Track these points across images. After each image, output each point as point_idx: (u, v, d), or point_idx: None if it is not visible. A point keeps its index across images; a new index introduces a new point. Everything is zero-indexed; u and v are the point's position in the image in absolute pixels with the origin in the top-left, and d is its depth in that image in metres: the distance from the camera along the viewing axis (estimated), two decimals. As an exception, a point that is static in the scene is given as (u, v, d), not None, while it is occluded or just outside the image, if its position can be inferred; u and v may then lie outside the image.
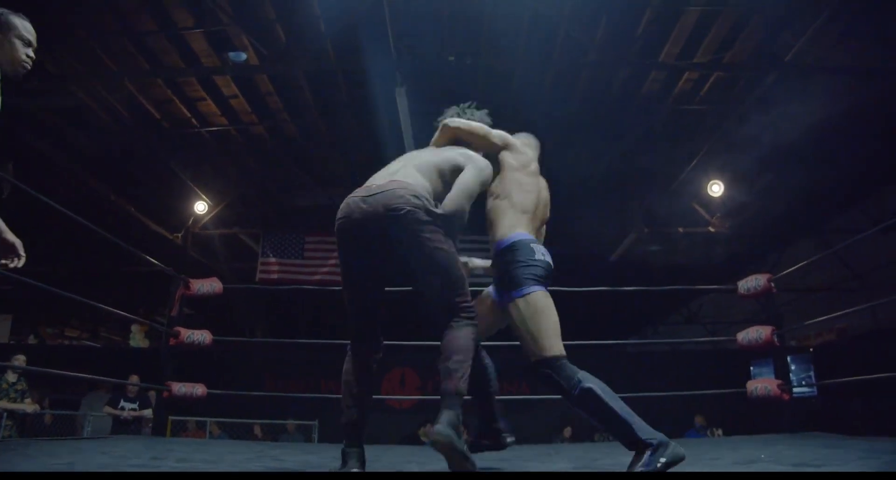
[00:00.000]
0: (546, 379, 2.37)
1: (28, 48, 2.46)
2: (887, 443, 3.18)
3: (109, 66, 7.25)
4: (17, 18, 2.45)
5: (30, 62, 2.49)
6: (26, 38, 2.46)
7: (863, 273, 10.80)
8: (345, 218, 2.32)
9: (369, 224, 2.27)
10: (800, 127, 7.43)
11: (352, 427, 2.29)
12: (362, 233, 2.30)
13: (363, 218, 2.28)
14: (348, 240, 2.34)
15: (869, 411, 9.09)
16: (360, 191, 2.39)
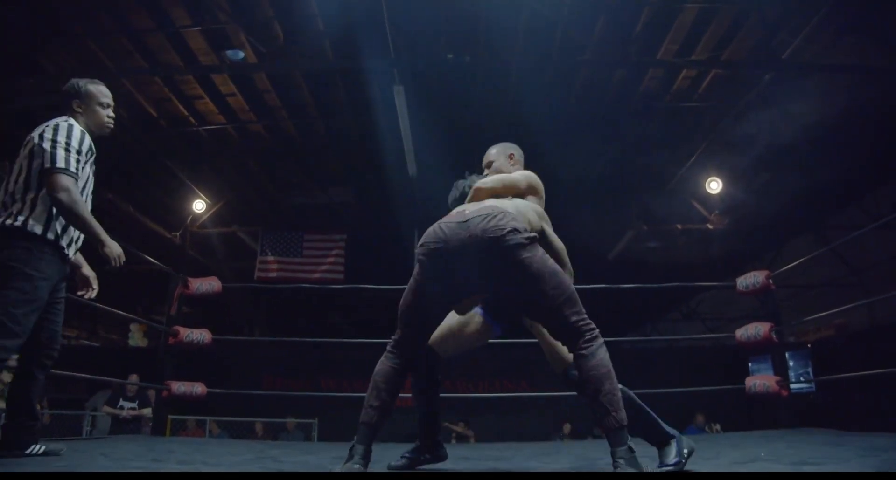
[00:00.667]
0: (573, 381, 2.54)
1: (108, 109, 2.81)
2: (885, 439, 3.19)
3: (107, 64, 7.23)
4: (93, 86, 2.81)
5: (112, 120, 2.81)
6: (105, 102, 2.81)
7: (861, 269, 10.82)
8: (440, 243, 2.28)
9: (468, 250, 2.25)
10: (798, 124, 7.44)
11: (367, 428, 2.30)
12: (457, 260, 2.28)
13: (461, 245, 2.25)
14: (438, 267, 2.32)
15: (866, 406, 9.12)
16: (451, 217, 2.37)
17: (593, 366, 2.14)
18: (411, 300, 2.41)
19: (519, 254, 2.21)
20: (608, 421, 2.07)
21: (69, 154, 2.47)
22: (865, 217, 9.98)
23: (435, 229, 2.35)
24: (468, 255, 2.25)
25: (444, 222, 2.35)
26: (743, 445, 3.54)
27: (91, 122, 2.73)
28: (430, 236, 2.34)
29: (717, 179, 9.53)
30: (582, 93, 8.04)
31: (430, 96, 7.73)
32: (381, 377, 2.41)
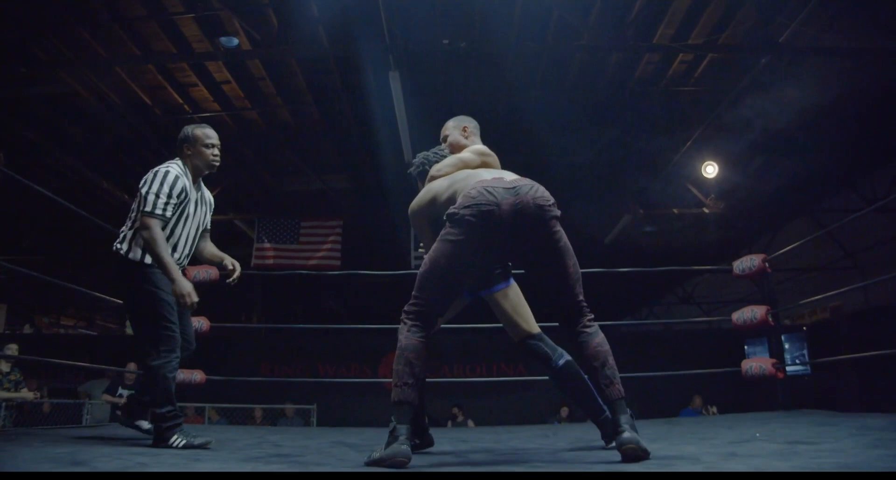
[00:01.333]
0: (535, 350, 2.81)
1: (213, 149, 3.16)
2: (879, 420, 3.22)
3: (99, 52, 7.18)
4: (199, 130, 3.17)
5: (218, 158, 3.17)
6: (209, 143, 3.15)
7: (856, 252, 10.87)
8: (492, 205, 2.29)
9: (515, 216, 2.29)
10: (794, 108, 7.44)
11: (408, 407, 2.22)
12: (504, 224, 2.29)
13: (511, 210, 2.28)
14: (486, 229, 2.30)
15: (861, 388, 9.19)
16: (495, 182, 2.38)
17: (599, 343, 2.33)
18: (445, 264, 2.34)
19: (556, 227, 2.36)
20: (613, 392, 2.26)
21: (158, 199, 2.88)
22: (860, 200, 10.01)
23: (481, 191, 2.33)
24: (514, 221, 2.29)
25: (489, 185, 2.35)
26: (739, 426, 3.57)
27: (199, 162, 3.13)
28: (479, 197, 2.32)
29: (714, 163, 9.53)
30: (578, 79, 8.02)
31: (425, 82, 7.70)
32: (412, 352, 2.30)
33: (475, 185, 2.38)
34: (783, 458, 2.04)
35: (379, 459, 2.13)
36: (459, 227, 2.31)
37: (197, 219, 3.16)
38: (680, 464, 2.01)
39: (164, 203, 2.89)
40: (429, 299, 2.38)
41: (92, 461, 2.13)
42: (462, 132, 3.08)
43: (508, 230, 2.30)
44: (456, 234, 2.32)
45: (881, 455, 1.98)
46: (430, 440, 2.90)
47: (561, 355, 2.78)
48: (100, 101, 8.10)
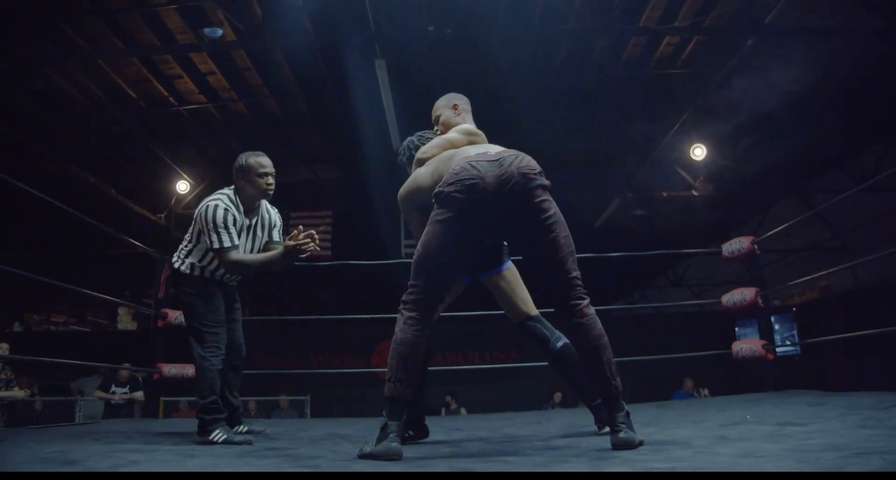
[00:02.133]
0: (533, 332, 2.85)
1: (266, 178, 3.24)
2: (867, 399, 3.25)
3: (82, 46, 7.11)
4: (253, 159, 3.25)
5: (272, 186, 3.27)
6: (262, 173, 3.23)
7: (844, 232, 10.92)
8: (476, 179, 2.23)
9: (501, 188, 2.22)
10: (781, 89, 7.44)
11: (399, 403, 2.19)
12: (490, 198, 2.23)
13: (496, 182, 2.22)
14: (474, 204, 2.23)
15: (851, 367, 9.28)
16: (478, 156, 2.33)
17: (596, 336, 2.23)
18: (437, 245, 2.27)
19: (545, 196, 2.29)
20: (610, 389, 2.20)
21: (220, 234, 3.09)
22: (848, 180, 10.04)
23: (465, 166, 2.28)
24: (501, 194, 2.23)
25: (472, 159, 2.30)
26: (730, 408, 3.60)
27: (253, 190, 3.24)
28: (463, 172, 2.26)
29: (702, 146, 9.55)
30: (565, 63, 8.00)
31: (412, 69, 7.67)
32: (406, 347, 2.23)
33: (459, 162, 2.34)
34: (773, 440, 2.06)
35: (370, 454, 2.12)
36: (446, 205, 2.26)
37: (251, 243, 3.33)
38: (671, 449, 2.03)
39: (227, 235, 3.11)
40: (426, 285, 2.30)
41: (84, 460, 2.13)
42: (453, 110, 3.06)
43: (494, 202, 2.22)
44: (444, 213, 2.26)
45: (869, 435, 2.00)
46: (425, 431, 2.90)
47: (559, 338, 2.79)
48: (84, 96, 8.03)
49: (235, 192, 3.28)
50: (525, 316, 2.87)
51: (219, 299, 3.24)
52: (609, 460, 1.88)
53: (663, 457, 1.85)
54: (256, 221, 3.34)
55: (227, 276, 3.32)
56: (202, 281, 3.24)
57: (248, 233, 3.30)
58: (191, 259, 3.25)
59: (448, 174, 2.32)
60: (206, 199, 3.22)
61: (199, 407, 3.00)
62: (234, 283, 3.42)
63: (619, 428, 2.11)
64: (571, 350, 2.69)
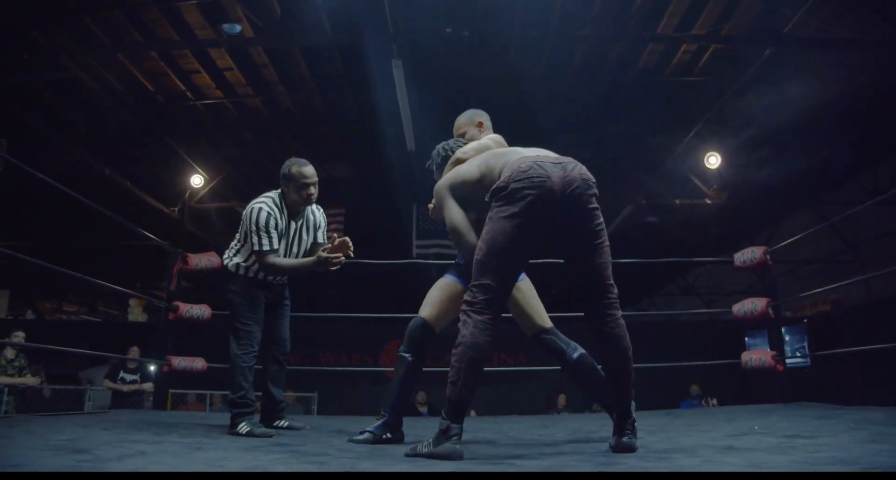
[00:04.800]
0: (550, 345, 2.82)
1: (308, 187, 3.36)
2: (878, 413, 3.22)
3: (102, 39, 7.16)
4: (297, 168, 3.36)
5: (314, 196, 3.39)
6: (304, 183, 3.35)
7: (858, 244, 10.85)
8: (544, 178, 2.22)
9: (566, 189, 2.23)
10: (797, 99, 7.41)
11: (464, 406, 2.17)
12: (557, 197, 2.22)
13: (562, 183, 2.23)
14: (542, 201, 2.21)
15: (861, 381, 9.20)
16: (542, 157, 2.31)
17: (626, 347, 2.31)
18: (504, 242, 2.23)
19: (596, 204, 2.32)
20: (629, 396, 2.30)
21: (261, 237, 3.25)
22: (863, 193, 9.98)
23: (532, 165, 2.25)
24: (564, 195, 2.23)
25: (536, 159, 2.28)
26: (737, 419, 3.58)
27: (296, 196, 3.37)
28: (531, 170, 2.24)
29: (716, 154, 9.51)
30: (580, 69, 7.99)
31: (428, 71, 7.68)
32: (478, 352, 2.18)
33: (522, 160, 2.29)
34: (780, 452, 2.04)
35: (429, 454, 2.11)
36: (513, 202, 2.22)
37: (296, 245, 3.46)
38: (677, 457, 2.02)
39: (267, 238, 3.26)
40: (495, 284, 2.24)
41: (93, 449, 2.14)
42: (478, 127, 3.02)
43: (559, 203, 2.22)
44: (510, 209, 2.21)
45: (878, 449, 1.98)
46: (400, 436, 2.85)
47: (575, 348, 2.79)
48: (102, 88, 8.09)
49: (281, 196, 3.42)
50: (540, 328, 2.85)
51: (259, 299, 3.36)
52: (614, 466, 1.88)
53: (669, 466, 1.85)
54: (302, 223, 3.48)
55: (275, 277, 3.42)
56: (245, 280, 3.36)
57: (294, 235, 3.45)
58: (237, 258, 3.40)
59: (512, 170, 2.27)
60: (253, 201, 3.38)
61: (229, 401, 3.16)
62: (280, 282, 3.51)
63: (625, 433, 2.20)
64: (588, 359, 2.77)
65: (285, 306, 3.60)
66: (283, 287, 3.57)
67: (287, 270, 3.31)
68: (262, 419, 3.46)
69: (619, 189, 11.00)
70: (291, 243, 3.43)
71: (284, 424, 3.48)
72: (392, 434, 2.80)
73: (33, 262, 3.86)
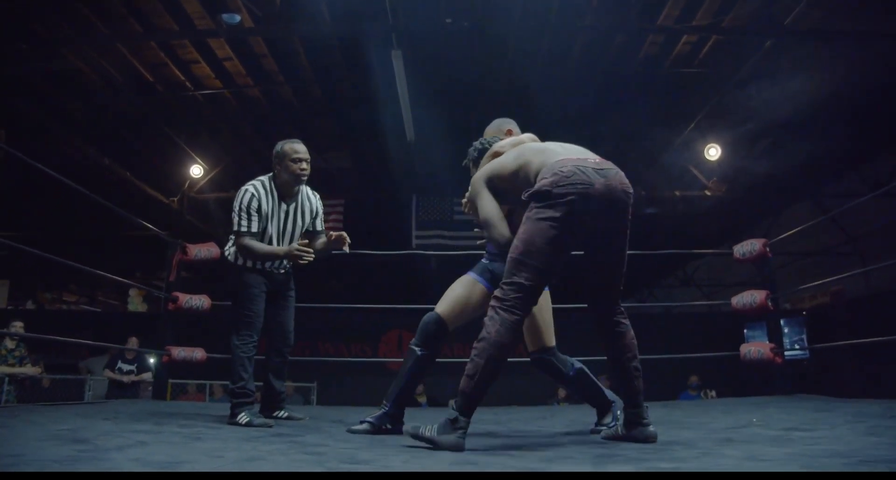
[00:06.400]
0: (548, 366, 2.89)
1: (300, 163, 3.39)
2: (875, 406, 3.24)
3: (101, 28, 7.13)
4: (288, 146, 3.43)
5: (305, 171, 3.41)
6: (296, 158, 3.38)
7: (858, 236, 10.85)
8: (587, 185, 2.20)
9: (606, 197, 2.23)
10: (798, 91, 7.39)
11: (476, 401, 2.17)
12: (596, 204, 2.21)
13: (604, 190, 2.22)
14: (583, 207, 2.19)
15: (859, 373, 9.22)
16: (582, 162, 2.27)
17: (632, 336, 2.41)
18: (542, 243, 2.20)
19: (629, 213, 2.35)
20: (640, 383, 2.37)
21: (241, 218, 3.29)
22: (863, 185, 9.97)
23: (574, 170, 2.22)
24: (603, 202, 2.23)
25: (578, 164, 2.25)
26: (736, 411, 3.60)
27: (288, 176, 3.38)
28: (574, 176, 2.21)
29: (716, 146, 9.50)
30: (581, 59, 7.96)
31: (428, 61, 7.65)
32: (502, 351, 2.16)
33: (564, 162, 2.26)
34: (778, 444, 2.05)
35: (431, 440, 2.13)
36: (554, 205, 2.19)
37: (290, 227, 3.47)
38: (676, 449, 2.03)
39: (246, 220, 3.29)
40: (530, 283, 2.21)
41: (94, 438, 2.15)
42: (507, 135, 2.97)
43: (597, 211, 2.22)
44: (550, 212, 2.19)
45: (876, 442, 1.99)
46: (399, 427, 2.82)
47: (571, 365, 2.86)
48: (101, 78, 8.07)
49: (271, 179, 3.43)
50: (543, 346, 2.87)
51: (259, 289, 3.35)
52: (613, 458, 1.88)
53: (668, 457, 1.86)
54: (296, 207, 3.48)
55: (272, 265, 3.40)
56: (245, 269, 3.35)
57: (287, 217, 3.44)
58: (234, 247, 3.40)
59: (554, 173, 2.23)
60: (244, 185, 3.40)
61: (228, 391, 3.24)
62: (282, 271, 3.48)
63: (647, 422, 2.31)
64: (584, 372, 2.88)
65: (289, 297, 3.58)
66: (287, 277, 3.54)
67: (259, 255, 3.30)
68: (262, 409, 3.46)
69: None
70: (284, 225, 3.43)
71: (284, 415, 3.49)
72: (392, 424, 2.80)
73: (33, 253, 3.87)
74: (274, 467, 1.71)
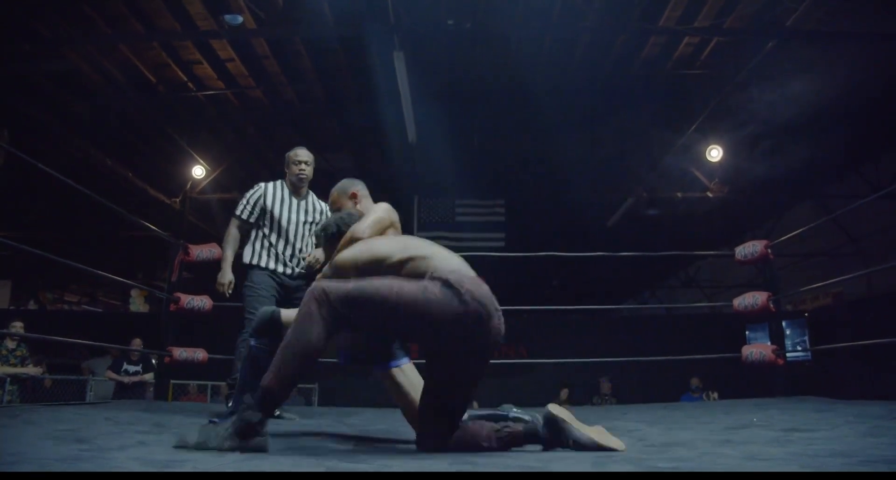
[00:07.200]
0: None
1: (299, 165, 3.89)
2: (877, 407, 3.24)
3: (103, 29, 7.14)
4: (292, 152, 3.96)
5: (304, 172, 3.90)
6: (296, 161, 3.91)
7: (860, 238, 10.84)
8: (488, 317, 2.13)
9: (491, 339, 2.19)
10: (800, 93, 7.39)
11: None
12: (479, 333, 2.15)
13: (495, 334, 2.18)
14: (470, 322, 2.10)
15: (861, 375, 9.21)
16: (489, 299, 2.16)
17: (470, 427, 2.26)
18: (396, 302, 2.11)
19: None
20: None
21: (239, 203, 3.81)
22: (865, 186, 9.97)
23: (489, 294, 2.18)
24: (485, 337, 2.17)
25: (484, 290, 2.18)
26: (737, 412, 3.60)
27: (291, 176, 3.90)
28: (485, 299, 2.14)
29: (718, 147, 9.49)
30: (583, 60, 7.96)
31: (430, 62, 7.66)
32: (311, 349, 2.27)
33: (477, 280, 2.18)
34: (778, 445, 2.05)
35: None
36: (455, 301, 2.07)
37: (299, 217, 3.87)
38: (676, 450, 2.03)
39: (242, 206, 3.79)
40: (347, 322, 2.16)
41: (95, 438, 2.16)
42: (352, 199, 2.85)
43: (471, 338, 2.14)
44: (443, 302, 2.07)
45: (875, 443, 1.99)
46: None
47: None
48: (104, 79, 8.08)
49: (284, 180, 3.96)
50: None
51: (266, 290, 3.63)
52: (613, 458, 1.88)
53: (668, 458, 1.86)
54: (306, 204, 3.93)
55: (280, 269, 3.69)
56: (251, 267, 3.69)
57: (298, 209, 3.88)
58: (247, 248, 3.79)
59: (469, 279, 2.15)
60: None
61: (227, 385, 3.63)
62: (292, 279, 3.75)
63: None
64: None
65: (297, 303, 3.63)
66: (298, 285, 3.74)
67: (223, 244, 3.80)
68: None
69: (620, 181, 11.00)
70: (290, 215, 3.83)
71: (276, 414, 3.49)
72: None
73: (35, 253, 3.87)
74: (274, 466, 1.72)
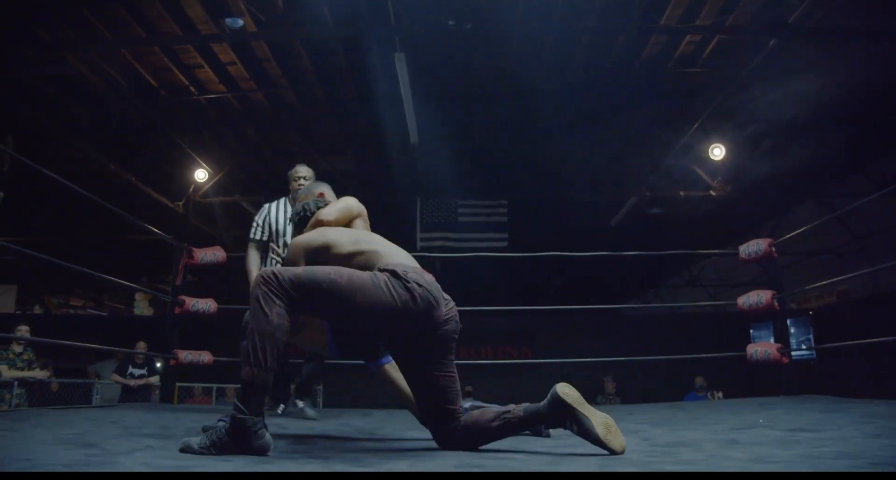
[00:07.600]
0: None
1: (297, 181, 4.19)
2: (882, 407, 3.23)
3: (104, 33, 7.16)
4: (292, 170, 4.26)
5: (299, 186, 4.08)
6: (295, 177, 4.23)
7: (864, 236, 10.82)
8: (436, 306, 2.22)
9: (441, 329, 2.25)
10: (803, 90, 7.37)
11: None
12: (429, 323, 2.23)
13: (442, 323, 2.25)
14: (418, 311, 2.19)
15: (868, 374, 9.19)
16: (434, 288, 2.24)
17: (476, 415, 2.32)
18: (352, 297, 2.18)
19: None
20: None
21: (251, 228, 4.20)
22: (869, 184, 9.95)
23: (434, 283, 2.27)
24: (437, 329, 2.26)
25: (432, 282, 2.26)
26: (742, 412, 3.59)
27: (293, 192, 4.17)
28: (432, 287, 2.23)
29: (721, 146, 9.47)
30: (584, 60, 7.96)
31: (431, 64, 7.66)
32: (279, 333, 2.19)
33: (422, 271, 2.28)
34: (784, 446, 2.05)
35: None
36: (401, 289, 2.16)
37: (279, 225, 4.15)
38: (682, 451, 2.03)
39: (254, 229, 4.19)
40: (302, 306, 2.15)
41: (102, 443, 2.16)
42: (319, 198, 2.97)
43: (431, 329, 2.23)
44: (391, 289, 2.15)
45: (883, 444, 1.99)
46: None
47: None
48: (106, 83, 8.09)
49: (287, 196, 4.26)
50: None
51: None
52: (619, 460, 1.88)
53: (673, 460, 1.86)
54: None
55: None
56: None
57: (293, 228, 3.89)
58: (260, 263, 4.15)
59: (413, 271, 2.24)
60: None
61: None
62: None
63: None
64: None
65: None
66: None
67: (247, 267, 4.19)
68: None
69: (622, 181, 10.99)
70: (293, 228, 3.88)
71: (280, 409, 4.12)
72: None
73: (40, 257, 3.88)
74: (280, 469, 1.72)
